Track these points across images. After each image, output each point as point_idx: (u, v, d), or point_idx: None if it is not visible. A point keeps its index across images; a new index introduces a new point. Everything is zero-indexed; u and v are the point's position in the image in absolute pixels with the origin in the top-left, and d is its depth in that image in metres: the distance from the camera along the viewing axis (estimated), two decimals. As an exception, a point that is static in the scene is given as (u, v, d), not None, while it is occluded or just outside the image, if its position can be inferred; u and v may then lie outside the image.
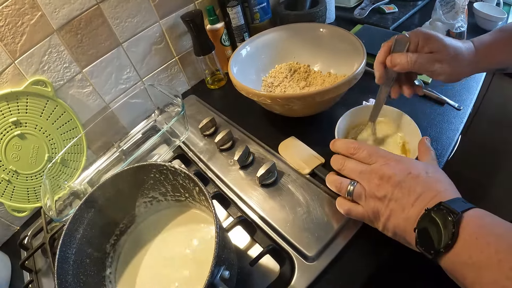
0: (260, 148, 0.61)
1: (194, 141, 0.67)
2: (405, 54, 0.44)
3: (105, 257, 0.49)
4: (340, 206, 0.42)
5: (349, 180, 0.41)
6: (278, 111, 0.61)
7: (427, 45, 0.44)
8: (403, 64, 0.44)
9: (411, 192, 0.36)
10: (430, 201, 0.34)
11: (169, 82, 0.79)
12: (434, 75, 0.46)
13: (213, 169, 0.60)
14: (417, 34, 0.45)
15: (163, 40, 0.74)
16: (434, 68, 0.44)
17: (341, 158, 0.43)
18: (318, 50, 0.70)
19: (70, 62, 0.63)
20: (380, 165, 0.39)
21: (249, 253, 0.50)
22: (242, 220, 0.49)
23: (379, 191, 0.38)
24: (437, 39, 0.44)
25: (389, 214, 0.37)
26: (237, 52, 0.66)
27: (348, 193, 0.41)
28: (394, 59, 0.44)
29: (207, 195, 0.38)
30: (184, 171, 0.42)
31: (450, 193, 0.35)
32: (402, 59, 0.43)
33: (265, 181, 0.54)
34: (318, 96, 0.53)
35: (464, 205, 0.32)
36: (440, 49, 0.44)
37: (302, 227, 0.49)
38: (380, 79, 0.48)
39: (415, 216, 0.34)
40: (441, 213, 0.31)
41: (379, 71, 0.47)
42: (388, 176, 0.37)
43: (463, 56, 0.45)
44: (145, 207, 0.52)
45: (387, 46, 0.46)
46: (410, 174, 0.37)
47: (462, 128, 0.60)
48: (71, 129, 0.69)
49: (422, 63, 0.43)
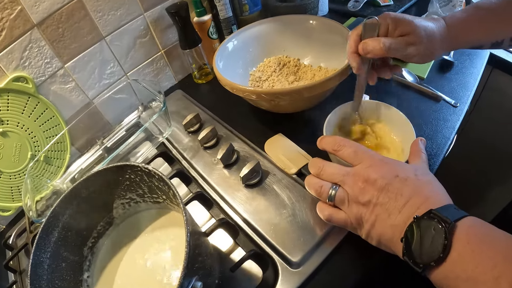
0: (246, 145, 0.58)
1: (178, 138, 0.64)
2: (377, 40, 0.41)
3: (83, 260, 0.47)
4: (321, 212, 0.40)
5: (330, 184, 0.38)
6: (265, 107, 0.58)
7: (397, 28, 0.42)
8: (376, 50, 0.41)
9: (398, 196, 0.33)
10: (419, 207, 0.31)
11: (155, 77, 0.77)
12: (407, 57, 0.43)
13: (196, 168, 0.58)
14: (385, 18, 0.43)
15: (148, 33, 0.71)
16: (407, 51, 0.42)
17: (319, 161, 0.40)
18: (308, 43, 0.66)
19: (51, 57, 0.61)
20: (365, 166, 0.36)
21: (232, 256, 0.48)
22: (224, 222, 0.46)
23: (363, 195, 0.35)
24: (407, 21, 0.42)
25: (373, 220, 0.34)
26: (223, 46, 0.63)
27: (329, 197, 0.38)
28: (366, 46, 0.42)
29: (179, 201, 0.35)
30: (157, 173, 0.40)
31: (441, 199, 0.32)
32: (375, 45, 0.41)
33: (249, 181, 0.51)
34: (306, 91, 0.50)
35: (456, 212, 0.30)
36: (411, 31, 0.42)
37: (286, 231, 0.46)
38: (359, 69, 0.46)
39: (403, 223, 0.32)
40: (431, 222, 0.29)
41: (356, 61, 0.45)
42: (373, 179, 0.34)
43: (435, 35, 0.43)
44: (123, 208, 0.50)
45: (356, 34, 0.44)
46: (398, 177, 0.34)
47: (458, 126, 0.57)
48: (54, 126, 0.67)
49: (395, 48, 0.41)
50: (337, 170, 0.38)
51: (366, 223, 0.35)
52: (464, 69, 0.67)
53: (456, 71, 0.67)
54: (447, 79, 0.65)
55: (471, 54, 0.70)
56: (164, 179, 0.38)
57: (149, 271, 0.45)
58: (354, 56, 0.45)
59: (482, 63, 0.67)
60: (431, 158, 0.52)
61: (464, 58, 0.69)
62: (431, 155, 0.53)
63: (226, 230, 0.47)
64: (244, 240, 0.47)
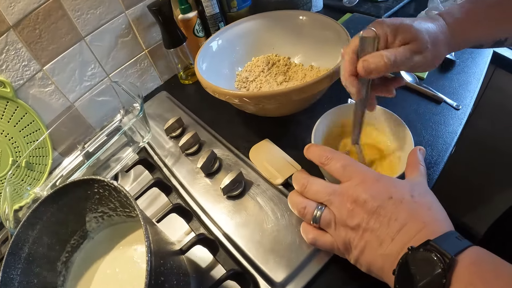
0: (229, 152, 0.55)
1: (160, 143, 0.61)
2: (379, 55, 0.34)
3: (56, 276, 0.45)
4: (305, 234, 0.36)
5: (315, 204, 0.34)
6: (251, 111, 0.55)
7: (397, 37, 0.36)
8: (380, 68, 0.34)
9: (392, 221, 0.29)
10: (415, 236, 0.28)
11: (139, 78, 0.73)
12: (413, 68, 0.37)
13: (177, 176, 0.54)
14: (382, 26, 0.36)
15: (130, 32, 0.68)
16: (414, 61, 0.36)
17: (304, 176, 0.36)
18: (299, 40, 0.62)
19: (29, 60, 0.58)
20: (354, 184, 0.32)
21: (212, 273, 0.44)
22: (202, 239, 0.43)
23: (351, 218, 0.31)
24: (407, 26, 0.36)
25: (363, 247, 0.30)
26: (206, 45, 0.59)
27: (314, 219, 0.34)
28: (368, 64, 0.34)
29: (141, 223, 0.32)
30: (122, 190, 0.36)
31: (441, 225, 0.28)
32: (378, 62, 0.34)
33: (231, 192, 0.48)
34: (295, 94, 0.46)
35: (458, 243, 0.26)
36: (413, 38, 0.35)
37: (269, 248, 0.43)
38: (360, 94, 0.38)
39: (395, 253, 0.28)
40: (428, 256, 0.25)
41: (355, 85, 0.37)
42: (363, 200, 0.30)
43: (439, 38, 0.38)
44: (97, 222, 0.47)
45: (351, 51, 0.37)
46: (392, 198, 0.30)
47: (460, 130, 0.52)
48: (34, 131, 0.64)
49: (402, 60, 0.35)
50: (323, 188, 0.34)
51: (354, 249, 0.31)
52: (466, 69, 0.62)
53: (458, 71, 0.62)
54: (448, 79, 0.61)
55: (473, 53, 0.65)
56: (129, 198, 0.35)
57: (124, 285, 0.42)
58: (352, 79, 0.37)
59: (485, 62, 0.63)
60: (431, 167, 0.48)
61: (466, 57, 0.64)
62: (430, 163, 0.49)
63: (205, 246, 0.44)
64: (225, 257, 0.44)
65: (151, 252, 0.31)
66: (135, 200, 0.35)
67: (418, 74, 0.61)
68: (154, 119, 0.66)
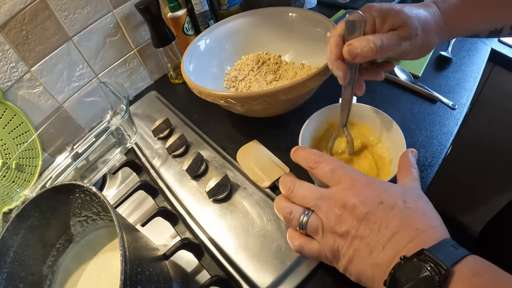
0: (217, 154, 0.54)
1: (148, 144, 0.60)
2: (365, 39, 0.32)
3: (42, 279, 0.45)
4: (291, 241, 0.34)
5: (301, 209, 0.32)
6: (239, 112, 0.53)
7: (386, 22, 0.34)
8: (366, 52, 0.33)
9: (382, 228, 0.27)
10: (407, 244, 0.26)
11: (128, 77, 0.72)
12: (402, 55, 0.36)
13: (164, 178, 0.53)
14: (370, 10, 0.35)
15: (119, 32, 0.66)
16: (402, 47, 0.34)
17: (290, 179, 0.34)
18: (289, 38, 0.61)
19: (16, 61, 0.58)
20: (343, 189, 0.30)
21: (197, 278, 0.43)
22: (186, 243, 0.42)
23: (340, 224, 0.29)
24: (396, 11, 0.34)
25: (351, 256, 0.29)
26: (193, 45, 0.58)
27: (300, 225, 0.32)
28: (353, 48, 0.33)
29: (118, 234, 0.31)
30: (101, 196, 0.36)
31: (435, 232, 0.26)
32: (364, 46, 0.32)
33: (216, 196, 0.47)
34: (283, 94, 0.45)
35: (454, 252, 0.24)
36: (402, 23, 0.34)
37: (255, 253, 0.41)
38: (346, 78, 0.37)
39: (387, 263, 0.26)
40: (422, 266, 0.23)
41: (341, 69, 0.36)
42: (352, 205, 0.29)
43: (430, 25, 0.36)
44: (81, 226, 0.47)
45: (337, 35, 0.35)
46: (382, 204, 0.28)
47: (456, 131, 0.50)
48: (23, 133, 0.64)
49: (388, 46, 0.33)
50: (310, 193, 0.32)
51: (343, 257, 0.30)
52: (463, 66, 0.60)
53: (455, 69, 0.60)
54: (444, 77, 0.59)
55: (471, 50, 0.63)
56: (106, 204, 0.34)
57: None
58: (338, 63, 0.36)
59: (483, 59, 0.61)
60: (425, 170, 0.47)
61: (463, 54, 0.62)
62: (424, 165, 0.47)
63: (190, 251, 0.43)
64: (210, 262, 0.43)
65: (125, 261, 0.30)
66: (112, 207, 0.34)
67: (413, 72, 0.60)
68: (143, 120, 0.65)
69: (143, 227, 0.45)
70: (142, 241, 0.39)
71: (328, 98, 0.50)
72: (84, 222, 0.46)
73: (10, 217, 0.55)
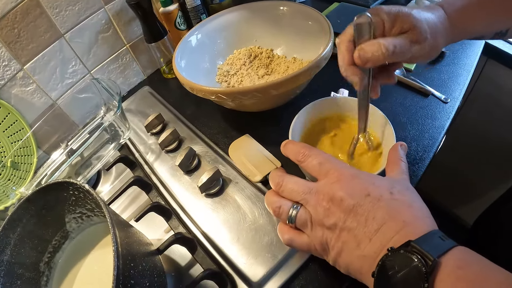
0: (209, 149, 0.54)
1: (142, 140, 0.61)
2: (377, 43, 0.32)
3: (39, 276, 0.45)
4: (281, 235, 0.34)
5: (290, 203, 0.33)
6: (230, 107, 0.53)
7: (395, 25, 0.34)
8: (377, 57, 0.32)
9: (369, 220, 0.28)
10: (394, 235, 0.26)
11: (121, 73, 0.72)
12: (411, 59, 0.35)
13: (157, 173, 0.54)
14: (379, 13, 0.34)
15: (111, 28, 0.66)
16: (412, 51, 0.34)
17: (279, 175, 0.35)
18: (280, 31, 0.61)
19: (9, 60, 0.58)
20: (331, 182, 0.31)
21: (191, 272, 0.44)
22: (179, 238, 0.42)
23: (327, 217, 0.30)
24: (405, 14, 0.34)
25: (340, 248, 0.29)
26: (185, 40, 0.58)
27: (290, 219, 0.33)
28: (364, 53, 0.33)
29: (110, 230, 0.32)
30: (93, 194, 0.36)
31: (422, 224, 0.27)
32: (375, 51, 0.32)
33: (208, 190, 0.47)
34: (274, 88, 0.45)
35: (441, 244, 0.24)
36: (412, 27, 0.34)
37: (247, 247, 0.42)
38: (362, 84, 0.36)
39: (374, 255, 0.27)
40: (408, 258, 0.23)
41: (357, 74, 0.35)
42: (339, 198, 0.29)
43: (438, 29, 0.36)
44: (76, 222, 0.47)
45: (346, 40, 0.35)
46: (369, 196, 0.29)
47: (448, 125, 0.51)
48: (18, 131, 0.64)
49: (401, 50, 0.33)
50: (298, 187, 0.33)
51: (332, 250, 0.30)
52: (456, 60, 0.60)
53: (448, 62, 0.60)
54: (437, 71, 0.59)
55: (464, 44, 0.63)
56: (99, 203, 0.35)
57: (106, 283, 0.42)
58: (352, 69, 0.35)
59: (476, 53, 0.61)
60: (416, 163, 0.47)
61: (456, 48, 0.62)
62: (415, 159, 0.47)
63: (183, 245, 0.44)
64: (203, 255, 0.44)
65: (118, 257, 0.31)
66: (105, 204, 0.34)
67: (405, 65, 0.59)
68: (136, 115, 0.66)
69: (137, 222, 0.46)
70: (135, 237, 0.40)
71: (318, 92, 0.50)
72: (79, 219, 0.47)
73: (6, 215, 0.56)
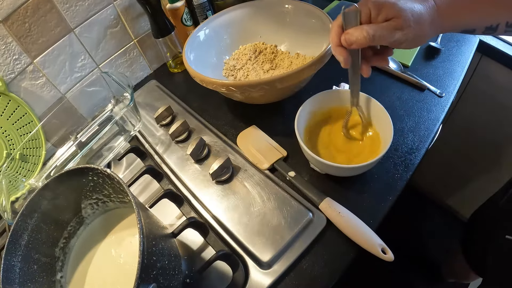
0: (218, 139, 0.57)
1: (151, 131, 0.63)
2: (360, 28, 0.37)
3: (55, 261, 0.47)
4: None
5: None
6: (238, 99, 0.56)
7: (380, 13, 0.38)
8: (360, 40, 0.37)
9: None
10: None
11: (128, 67, 0.74)
12: (395, 44, 0.39)
13: (168, 163, 0.56)
14: (366, 2, 0.39)
15: (119, 23, 0.68)
16: (395, 37, 0.38)
17: None
18: (284, 28, 0.63)
19: (19, 54, 0.59)
20: None
21: (203, 255, 0.47)
22: (192, 222, 0.45)
23: None
24: (390, 4, 0.38)
25: None
26: (193, 35, 0.60)
27: None
28: (349, 37, 0.38)
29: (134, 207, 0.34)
30: (115, 177, 0.38)
31: None
32: (358, 35, 0.37)
33: (219, 177, 0.50)
34: (279, 82, 0.47)
35: None
36: (396, 15, 0.37)
37: (257, 230, 0.45)
38: (347, 63, 0.42)
39: None
40: None
41: (342, 54, 0.40)
42: None
43: (423, 18, 0.39)
44: (92, 208, 0.49)
45: (337, 25, 0.40)
46: None
47: (443, 117, 0.54)
48: (27, 123, 0.65)
49: (381, 35, 0.37)
50: None
51: None
52: (451, 57, 0.63)
53: (443, 59, 0.63)
54: (433, 66, 0.62)
55: (459, 41, 0.66)
56: (122, 184, 0.37)
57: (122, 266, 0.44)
58: (339, 49, 0.40)
59: (471, 50, 0.64)
60: (413, 153, 0.50)
61: (451, 45, 0.65)
62: (412, 148, 0.51)
63: (196, 229, 0.46)
64: (215, 239, 0.46)
65: (143, 234, 0.33)
66: (127, 186, 0.36)
67: (402, 61, 0.63)
68: (144, 108, 0.68)
69: (151, 209, 0.48)
70: (153, 219, 0.42)
71: (320, 86, 0.53)
72: (94, 205, 0.49)
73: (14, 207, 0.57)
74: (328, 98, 0.50)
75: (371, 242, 0.40)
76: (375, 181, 0.48)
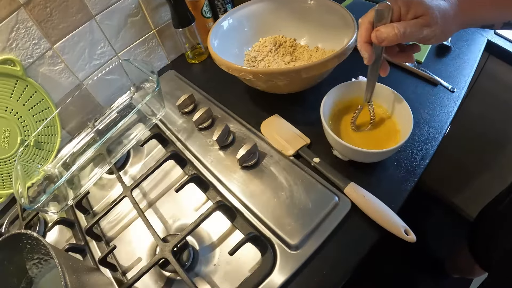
0: (242, 126, 0.58)
1: (172, 119, 0.63)
2: (391, 26, 0.38)
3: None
4: None
5: None
6: (261, 88, 0.57)
7: (409, 11, 0.40)
8: (391, 37, 0.38)
9: None
10: None
11: (146, 57, 0.75)
12: (424, 40, 0.41)
13: (191, 149, 0.57)
14: (396, 1, 0.40)
15: (140, 12, 0.68)
16: (423, 34, 0.40)
17: None
18: (305, 23, 0.65)
19: (39, 38, 0.58)
20: None
21: (229, 239, 0.47)
22: (221, 205, 0.45)
23: None
24: (419, 2, 0.40)
25: None
26: (218, 24, 0.61)
27: None
28: (380, 34, 0.39)
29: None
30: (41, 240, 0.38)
31: None
32: (389, 32, 0.38)
33: (246, 163, 0.51)
34: (304, 71, 0.49)
35: None
36: (424, 12, 0.39)
37: (285, 213, 0.46)
38: (371, 60, 0.43)
39: None
40: None
41: (368, 51, 0.42)
42: None
43: (448, 14, 0.41)
44: (37, 267, 0.48)
45: (367, 21, 0.41)
46: None
47: (455, 111, 0.57)
48: (43, 110, 0.65)
49: (411, 32, 0.39)
50: None
51: None
52: (461, 55, 0.66)
53: (454, 56, 0.66)
54: (444, 63, 0.65)
55: (469, 40, 0.69)
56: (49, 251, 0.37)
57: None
58: (366, 46, 0.42)
59: (479, 49, 0.67)
60: (429, 142, 0.52)
61: (461, 44, 0.68)
62: (428, 139, 0.53)
63: (223, 212, 0.47)
64: (242, 222, 0.47)
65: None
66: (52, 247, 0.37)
67: (416, 58, 0.65)
68: (164, 97, 0.68)
69: (177, 193, 0.48)
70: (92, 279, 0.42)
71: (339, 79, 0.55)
72: (38, 264, 0.48)
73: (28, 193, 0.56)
74: (351, 88, 0.52)
75: (395, 224, 0.42)
76: (395, 168, 0.50)
